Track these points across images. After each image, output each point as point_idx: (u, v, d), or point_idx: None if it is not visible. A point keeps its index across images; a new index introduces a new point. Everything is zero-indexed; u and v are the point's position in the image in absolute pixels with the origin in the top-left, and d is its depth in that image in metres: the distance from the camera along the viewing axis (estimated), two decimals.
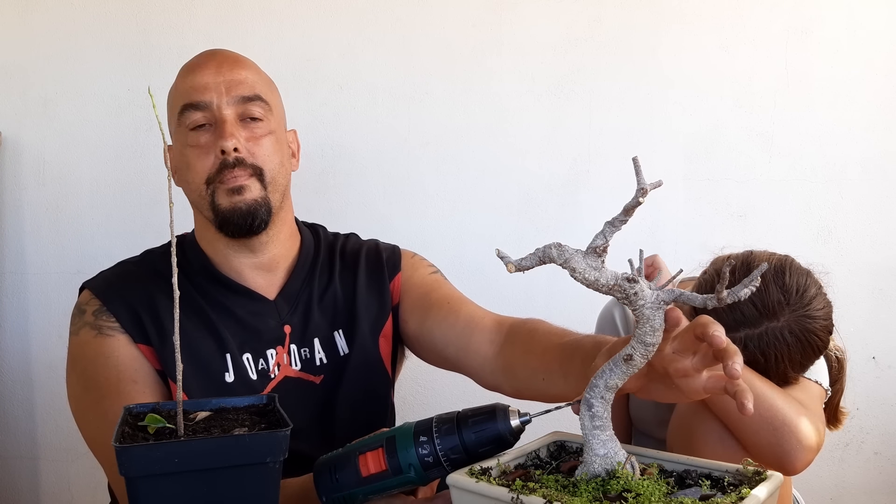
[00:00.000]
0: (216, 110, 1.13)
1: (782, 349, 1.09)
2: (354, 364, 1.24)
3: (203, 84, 1.14)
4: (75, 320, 1.17)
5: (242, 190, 1.12)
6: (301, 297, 1.24)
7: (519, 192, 1.95)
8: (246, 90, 1.15)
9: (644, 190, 0.68)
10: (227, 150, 1.11)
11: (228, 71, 1.15)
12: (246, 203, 1.13)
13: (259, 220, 1.14)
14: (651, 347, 0.73)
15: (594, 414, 0.76)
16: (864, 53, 1.89)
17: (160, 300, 1.15)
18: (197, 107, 1.13)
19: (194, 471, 0.70)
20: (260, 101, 1.16)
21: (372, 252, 1.32)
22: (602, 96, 1.92)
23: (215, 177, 1.12)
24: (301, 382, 1.20)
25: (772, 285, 1.11)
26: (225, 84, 1.14)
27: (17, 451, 1.99)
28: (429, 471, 0.84)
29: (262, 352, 1.19)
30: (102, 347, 1.12)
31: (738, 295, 0.68)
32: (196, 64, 1.18)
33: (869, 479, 1.96)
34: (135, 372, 1.11)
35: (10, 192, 1.95)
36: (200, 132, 1.14)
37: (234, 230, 1.14)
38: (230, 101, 1.13)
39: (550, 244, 0.72)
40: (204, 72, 1.15)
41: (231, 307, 1.18)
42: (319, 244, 1.30)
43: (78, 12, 1.92)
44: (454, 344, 1.22)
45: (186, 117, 1.14)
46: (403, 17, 1.92)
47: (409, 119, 1.94)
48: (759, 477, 0.75)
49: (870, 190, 1.92)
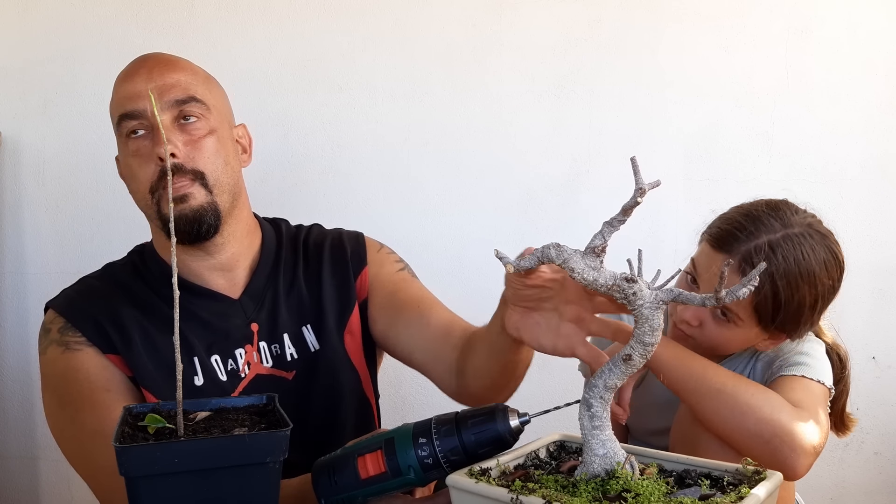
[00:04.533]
0: (150, 117, 1.11)
1: (806, 253, 1.11)
2: (324, 360, 1.23)
3: (135, 92, 1.12)
4: (42, 340, 1.17)
5: (186, 198, 1.11)
6: (266, 294, 1.23)
7: (519, 192, 1.95)
8: (179, 93, 1.13)
9: (642, 190, 0.68)
10: (163, 157, 1.08)
11: (159, 75, 1.13)
12: (191, 209, 1.11)
13: (206, 226, 1.13)
14: (650, 347, 0.73)
15: (593, 414, 0.77)
16: (864, 53, 1.89)
17: (122, 309, 1.15)
18: (132, 115, 1.12)
19: (194, 471, 0.70)
20: (195, 102, 1.13)
21: (336, 243, 1.30)
22: (602, 96, 1.92)
23: (157, 185, 1.11)
24: (273, 379, 1.20)
25: (781, 208, 1.17)
26: (157, 89, 1.12)
27: (17, 451, 1.99)
28: (428, 472, 0.84)
29: (231, 352, 1.18)
30: (71, 362, 1.12)
31: (737, 294, 0.68)
32: (128, 72, 1.17)
33: (869, 479, 1.96)
34: (107, 381, 1.11)
35: (10, 192, 1.95)
36: (139, 140, 1.12)
37: (184, 237, 1.12)
38: (164, 106, 1.11)
39: (549, 244, 0.72)
40: (135, 79, 1.14)
41: (195, 310, 1.18)
42: (282, 238, 1.29)
43: (78, 12, 1.92)
44: (422, 349, 1.23)
45: (124, 127, 1.13)
46: (403, 17, 1.92)
47: (409, 119, 1.94)
48: (759, 476, 0.75)
49: (870, 190, 1.92)
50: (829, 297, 1.16)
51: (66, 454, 1.13)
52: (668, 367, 1.08)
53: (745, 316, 1.13)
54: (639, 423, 1.34)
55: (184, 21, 1.92)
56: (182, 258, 1.18)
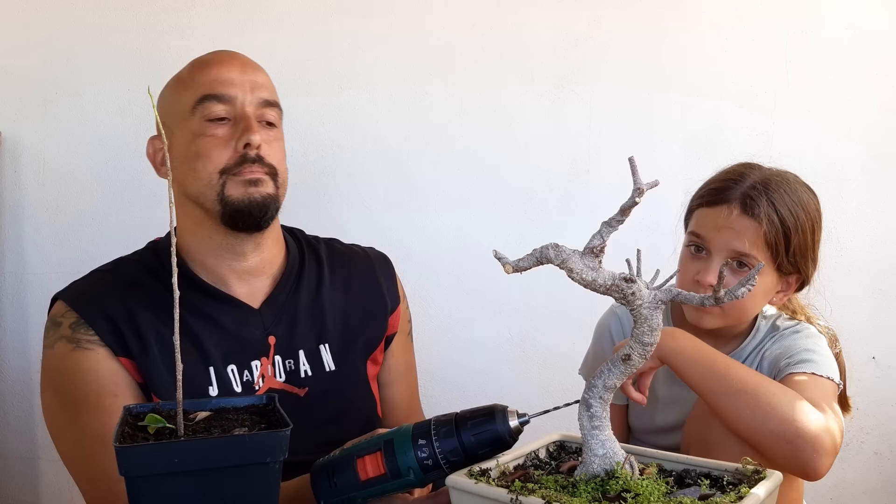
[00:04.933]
0: (240, 107, 1.14)
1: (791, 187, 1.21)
2: (341, 382, 1.23)
3: (229, 79, 1.14)
4: (50, 333, 1.13)
5: (259, 182, 1.13)
6: (286, 307, 1.22)
7: (519, 192, 1.95)
8: (267, 94, 1.17)
9: (640, 190, 0.68)
10: (252, 144, 1.11)
11: (252, 72, 1.17)
12: (261, 195, 1.13)
13: (268, 216, 1.15)
14: (649, 347, 0.73)
15: (593, 414, 0.77)
16: (864, 53, 1.89)
17: (139, 311, 1.12)
18: (220, 99, 1.13)
19: (194, 471, 0.70)
20: (276, 108, 1.19)
21: (368, 272, 1.32)
22: (602, 96, 1.92)
23: (232, 168, 1.12)
24: (285, 394, 1.18)
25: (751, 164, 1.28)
26: (250, 84, 1.15)
27: (17, 451, 1.99)
28: (428, 473, 0.84)
29: (247, 363, 1.16)
30: (81, 362, 1.09)
31: (736, 294, 0.68)
32: (218, 60, 1.18)
33: (869, 479, 1.96)
34: (115, 386, 1.08)
35: (10, 192, 1.95)
36: (219, 125, 1.13)
37: (244, 221, 1.13)
38: (253, 101, 1.15)
39: (548, 245, 0.72)
40: (230, 67, 1.16)
41: (214, 316, 1.16)
42: (304, 251, 1.29)
43: (78, 12, 1.92)
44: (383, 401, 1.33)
45: (206, 107, 1.13)
46: (403, 17, 1.92)
47: (409, 119, 1.93)
48: (759, 476, 0.75)
49: (870, 190, 1.91)
50: (820, 225, 1.25)
51: (62, 454, 1.11)
52: (688, 364, 1.08)
53: (762, 256, 1.17)
54: (640, 421, 1.34)
55: (184, 21, 1.92)
56: (214, 254, 1.17)
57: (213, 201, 1.13)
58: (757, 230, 1.16)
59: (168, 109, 1.18)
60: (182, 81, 1.18)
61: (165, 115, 1.18)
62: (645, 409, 1.31)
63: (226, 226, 1.14)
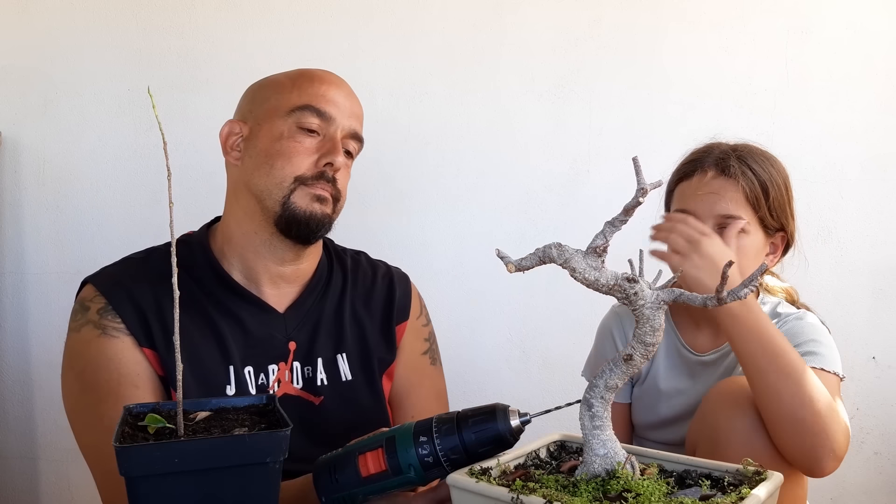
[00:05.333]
0: (334, 129, 1.17)
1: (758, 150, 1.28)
2: (357, 394, 1.23)
3: (334, 99, 1.19)
4: (77, 316, 1.13)
5: (324, 201, 1.16)
6: (310, 315, 1.22)
7: (519, 192, 1.95)
8: (358, 127, 1.22)
9: (644, 190, 0.68)
10: (336, 165, 1.15)
11: (355, 103, 1.22)
12: (322, 212, 1.16)
13: (320, 233, 1.18)
14: (651, 347, 0.73)
15: (594, 414, 0.76)
16: (864, 53, 1.89)
17: (166, 304, 1.12)
18: (320, 114, 1.17)
19: (194, 471, 0.70)
20: (359, 143, 1.23)
21: (387, 288, 1.32)
22: (602, 96, 1.92)
23: (307, 179, 1.15)
24: (300, 401, 1.19)
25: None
26: (349, 112, 1.20)
27: (17, 451, 1.99)
28: (429, 471, 0.84)
29: (265, 366, 1.17)
30: (105, 349, 1.09)
31: (738, 295, 0.68)
32: (329, 79, 1.21)
33: (869, 479, 1.96)
34: (136, 377, 1.08)
35: (10, 192, 1.95)
36: (308, 135, 1.16)
37: (297, 231, 1.15)
38: (346, 128, 1.19)
39: (550, 244, 0.72)
40: (338, 90, 1.20)
41: (240, 315, 1.16)
42: (332, 261, 1.30)
43: (78, 12, 1.92)
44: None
45: (304, 115, 1.16)
46: (403, 17, 1.92)
47: (409, 119, 1.94)
48: (759, 477, 0.75)
49: (870, 190, 1.91)
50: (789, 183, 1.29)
51: (78, 439, 1.11)
52: (746, 336, 1.08)
53: (745, 214, 1.21)
54: (644, 415, 1.34)
55: (184, 21, 1.92)
56: (254, 251, 1.18)
57: (277, 202, 1.15)
58: (735, 187, 1.22)
59: (258, 102, 1.20)
60: (282, 84, 1.20)
61: (252, 105, 1.21)
62: (649, 401, 1.31)
63: (278, 229, 1.16)
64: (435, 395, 1.34)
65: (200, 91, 1.91)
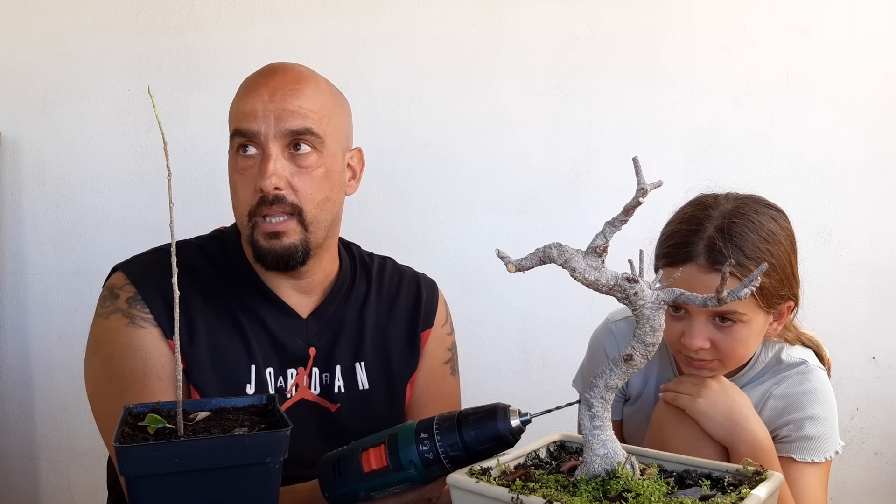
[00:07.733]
0: (262, 141, 1.08)
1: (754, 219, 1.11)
2: (373, 403, 1.22)
3: (252, 110, 1.08)
4: (106, 303, 1.12)
5: (280, 235, 1.09)
6: (332, 321, 1.21)
7: (519, 192, 1.95)
8: (296, 123, 1.08)
9: (644, 190, 0.68)
10: (264, 189, 1.07)
11: (282, 98, 1.09)
12: (283, 247, 1.09)
13: (294, 262, 1.11)
14: (651, 347, 0.73)
15: (594, 414, 0.76)
16: (864, 53, 1.89)
17: (194, 298, 1.12)
18: (244, 134, 1.09)
19: (194, 471, 0.70)
20: (310, 136, 1.09)
21: (414, 295, 1.29)
22: (602, 96, 1.92)
23: (255, 211, 1.09)
24: (317, 407, 1.18)
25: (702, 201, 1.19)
26: (275, 113, 1.08)
27: (17, 451, 1.99)
28: (429, 468, 0.84)
29: (284, 370, 1.16)
30: (133, 338, 1.08)
31: (739, 295, 0.68)
32: (251, 85, 1.12)
33: (869, 479, 1.96)
34: (162, 368, 1.08)
35: (10, 192, 1.95)
36: (247, 158, 1.10)
37: (275, 266, 1.12)
38: (278, 134, 1.08)
39: (550, 244, 0.72)
40: (256, 97, 1.09)
41: (264, 317, 1.16)
42: (356, 268, 1.28)
43: (78, 12, 1.92)
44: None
45: (235, 142, 1.11)
46: (403, 17, 1.92)
47: (409, 119, 1.94)
48: (759, 477, 0.75)
49: (870, 190, 1.92)
50: (795, 247, 1.16)
51: (100, 425, 1.10)
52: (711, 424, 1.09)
53: (745, 305, 1.09)
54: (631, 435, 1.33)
55: (184, 21, 1.92)
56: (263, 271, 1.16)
57: (248, 241, 1.13)
58: (730, 282, 1.07)
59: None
60: (231, 104, 1.15)
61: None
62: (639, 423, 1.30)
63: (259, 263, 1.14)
64: (451, 407, 1.31)
65: (200, 91, 1.91)
